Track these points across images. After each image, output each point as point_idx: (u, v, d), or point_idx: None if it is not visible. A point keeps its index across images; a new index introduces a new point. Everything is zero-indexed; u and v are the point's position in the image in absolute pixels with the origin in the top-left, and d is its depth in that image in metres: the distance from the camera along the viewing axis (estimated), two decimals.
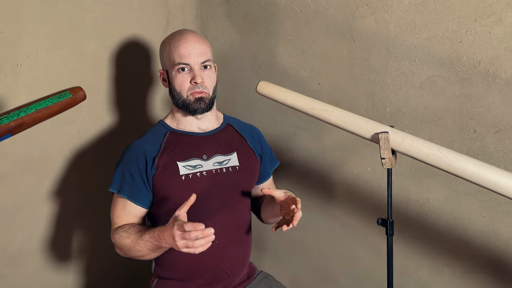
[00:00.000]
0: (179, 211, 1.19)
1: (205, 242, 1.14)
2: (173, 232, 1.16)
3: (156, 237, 1.25)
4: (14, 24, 1.49)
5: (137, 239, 1.30)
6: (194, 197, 1.21)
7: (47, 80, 1.59)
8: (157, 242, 1.25)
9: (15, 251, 1.58)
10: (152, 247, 1.28)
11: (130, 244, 1.32)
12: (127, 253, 1.35)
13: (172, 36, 1.48)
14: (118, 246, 1.38)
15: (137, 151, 1.43)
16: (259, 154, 1.58)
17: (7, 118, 1.00)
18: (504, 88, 1.44)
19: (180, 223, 1.15)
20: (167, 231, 1.20)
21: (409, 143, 1.23)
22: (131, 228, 1.36)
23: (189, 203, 1.20)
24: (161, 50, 1.51)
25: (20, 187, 1.57)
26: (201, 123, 1.50)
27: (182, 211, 1.19)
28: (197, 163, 1.44)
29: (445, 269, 1.65)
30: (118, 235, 1.37)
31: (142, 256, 1.33)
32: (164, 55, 1.48)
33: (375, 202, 1.76)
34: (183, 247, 1.16)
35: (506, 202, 1.47)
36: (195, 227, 1.12)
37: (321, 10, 1.79)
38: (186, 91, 1.43)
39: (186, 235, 1.13)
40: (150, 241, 1.27)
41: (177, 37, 1.46)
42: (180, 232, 1.15)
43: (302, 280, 2.04)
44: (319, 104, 1.34)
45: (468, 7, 1.47)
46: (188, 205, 1.20)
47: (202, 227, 1.12)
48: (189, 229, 1.12)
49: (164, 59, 1.48)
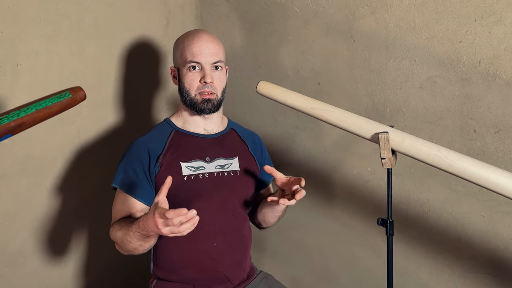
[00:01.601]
0: (157, 197, 1.15)
1: (191, 225, 1.10)
2: (155, 221, 1.12)
3: (142, 227, 1.21)
4: (14, 24, 1.49)
5: (127, 231, 1.28)
6: (170, 179, 1.17)
7: (47, 80, 1.59)
8: (143, 231, 1.22)
9: (15, 251, 1.58)
10: (141, 236, 1.24)
11: (122, 236, 1.30)
12: (122, 246, 1.33)
13: (187, 35, 1.49)
14: (114, 240, 1.37)
15: (141, 147, 1.43)
16: (259, 162, 1.58)
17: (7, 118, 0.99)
18: (504, 88, 1.44)
19: (161, 211, 1.11)
20: (149, 219, 1.16)
21: (409, 143, 1.23)
22: (124, 221, 1.34)
23: (166, 186, 1.16)
24: (174, 47, 1.52)
25: (20, 187, 1.57)
26: (207, 124, 1.50)
27: (161, 196, 1.15)
28: (200, 165, 1.44)
29: (445, 269, 1.65)
30: (113, 228, 1.36)
31: (136, 248, 1.29)
32: (177, 52, 1.49)
33: (375, 202, 1.76)
34: (168, 233, 1.12)
35: (506, 202, 1.47)
36: (177, 214, 1.08)
37: (321, 10, 1.79)
38: (195, 89, 1.44)
39: (169, 221, 1.10)
40: (137, 231, 1.24)
41: (191, 35, 1.47)
42: (162, 220, 1.11)
43: (302, 280, 2.04)
44: (319, 104, 1.34)
45: (468, 7, 1.47)
46: (166, 188, 1.16)
47: (185, 211, 1.07)
48: (172, 216, 1.08)
49: (177, 57, 1.49)
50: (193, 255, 1.41)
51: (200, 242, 1.40)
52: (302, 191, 1.28)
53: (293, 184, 1.30)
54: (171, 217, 1.08)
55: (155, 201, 1.15)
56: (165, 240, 1.39)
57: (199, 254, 1.41)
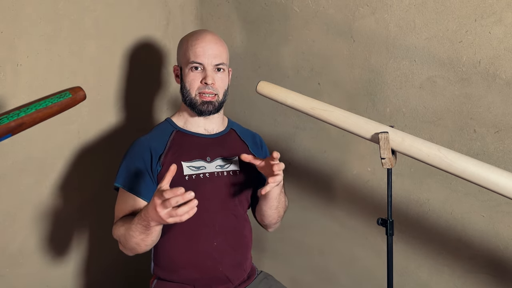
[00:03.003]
0: (161, 183, 1.16)
1: (189, 208, 1.11)
2: (154, 203, 1.13)
3: (143, 217, 1.22)
4: (14, 24, 1.49)
5: (130, 225, 1.28)
6: (174, 167, 1.18)
7: (47, 80, 1.59)
8: (144, 221, 1.22)
9: (15, 251, 1.58)
10: (142, 229, 1.25)
11: (124, 232, 1.31)
12: (125, 244, 1.33)
13: (192, 34, 1.49)
14: (117, 239, 1.37)
15: (143, 147, 1.43)
16: None
17: (7, 118, 0.99)
18: (504, 88, 1.44)
19: (160, 192, 1.12)
20: (150, 205, 1.17)
21: (409, 143, 1.23)
22: (127, 218, 1.35)
23: (170, 173, 1.17)
24: (179, 46, 1.52)
25: (20, 187, 1.57)
26: (208, 125, 1.51)
27: (164, 183, 1.16)
28: (201, 165, 1.44)
29: (445, 269, 1.65)
30: (115, 225, 1.37)
31: (138, 244, 1.30)
32: (181, 51, 1.49)
33: (375, 202, 1.76)
34: (167, 217, 1.13)
35: (506, 202, 1.47)
36: (174, 193, 1.09)
37: (321, 10, 1.79)
38: (195, 90, 1.44)
39: (167, 203, 1.11)
40: (139, 223, 1.24)
41: (195, 35, 1.47)
42: (160, 201, 1.12)
43: (302, 280, 2.04)
44: (319, 104, 1.34)
45: (468, 7, 1.47)
46: (170, 175, 1.17)
47: (182, 190, 1.09)
48: (169, 195, 1.09)
49: (180, 56, 1.49)
50: (194, 255, 1.41)
51: (200, 242, 1.40)
52: (280, 164, 1.29)
53: (270, 163, 1.30)
54: (168, 196, 1.09)
55: (158, 187, 1.16)
56: (165, 240, 1.39)
57: (199, 254, 1.41)
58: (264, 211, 1.51)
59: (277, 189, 1.41)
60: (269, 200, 1.46)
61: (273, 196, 1.44)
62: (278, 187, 1.40)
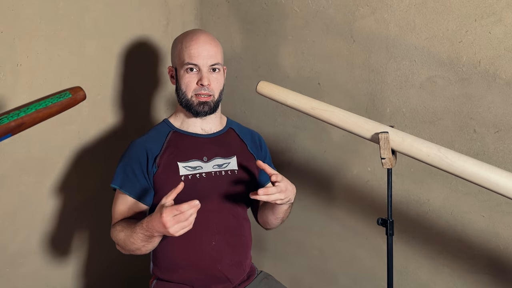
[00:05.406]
0: (165, 199, 1.18)
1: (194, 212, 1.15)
2: (162, 221, 1.14)
3: (145, 228, 1.23)
4: (14, 24, 1.49)
5: (131, 232, 1.29)
6: (182, 185, 1.20)
7: (47, 80, 1.59)
8: (147, 232, 1.24)
9: (15, 251, 1.58)
10: (144, 238, 1.26)
11: (124, 237, 1.32)
12: (124, 247, 1.34)
13: (185, 35, 1.48)
14: (115, 241, 1.38)
15: (139, 148, 1.43)
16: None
17: (7, 118, 0.99)
18: (504, 88, 1.44)
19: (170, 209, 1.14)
20: (155, 220, 1.18)
21: (409, 143, 1.23)
22: (126, 222, 1.36)
23: (177, 190, 1.19)
24: (173, 47, 1.51)
25: (20, 187, 1.57)
26: (204, 125, 1.51)
27: (169, 199, 1.18)
28: (197, 165, 1.44)
29: (445, 269, 1.65)
30: (114, 229, 1.37)
31: (139, 248, 1.31)
32: (175, 52, 1.48)
33: (375, 202, 1.76)
34: (178, 230, 1.15)
35: (506, 202, 1.47)
36: (191, 206, 1.13)
37: (321, 10, 1.79)
38: (191, 91, 1.43)
39: (181, 216, 1.13)
40: (141, 232, 1.25)
41: (189, 36, 1.46)
42: (171, 217, 1.14)
43: (302, 280, 2.04)
44: (319, 104, 1.34)
45: (468, 7, 1.47)
46: (176, 192, 1.19)
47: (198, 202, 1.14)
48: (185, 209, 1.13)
49: (175, 57, 1.48)
50: (193, 255, 1.41)
51: (198, 241, 1.40)
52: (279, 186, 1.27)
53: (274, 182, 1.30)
54: (185, 210, 1.12)
55: (161, 203, 1.18)
56: (164, 240, 1.39)
57: (198, 253, 1.41)
58: (269, 219, 1.52)
59: (286, 205, 1.42)
60: (276, 213, 1.47)
61: (281, 210, 1.45)
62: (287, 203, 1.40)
